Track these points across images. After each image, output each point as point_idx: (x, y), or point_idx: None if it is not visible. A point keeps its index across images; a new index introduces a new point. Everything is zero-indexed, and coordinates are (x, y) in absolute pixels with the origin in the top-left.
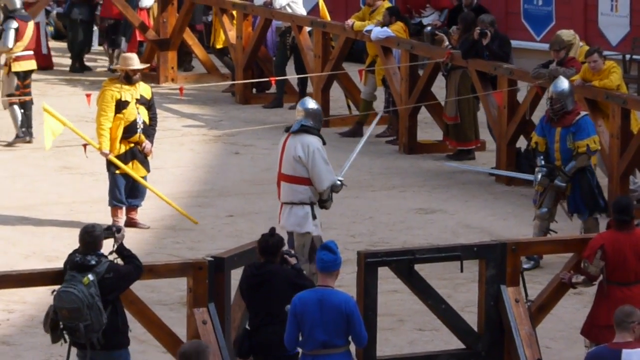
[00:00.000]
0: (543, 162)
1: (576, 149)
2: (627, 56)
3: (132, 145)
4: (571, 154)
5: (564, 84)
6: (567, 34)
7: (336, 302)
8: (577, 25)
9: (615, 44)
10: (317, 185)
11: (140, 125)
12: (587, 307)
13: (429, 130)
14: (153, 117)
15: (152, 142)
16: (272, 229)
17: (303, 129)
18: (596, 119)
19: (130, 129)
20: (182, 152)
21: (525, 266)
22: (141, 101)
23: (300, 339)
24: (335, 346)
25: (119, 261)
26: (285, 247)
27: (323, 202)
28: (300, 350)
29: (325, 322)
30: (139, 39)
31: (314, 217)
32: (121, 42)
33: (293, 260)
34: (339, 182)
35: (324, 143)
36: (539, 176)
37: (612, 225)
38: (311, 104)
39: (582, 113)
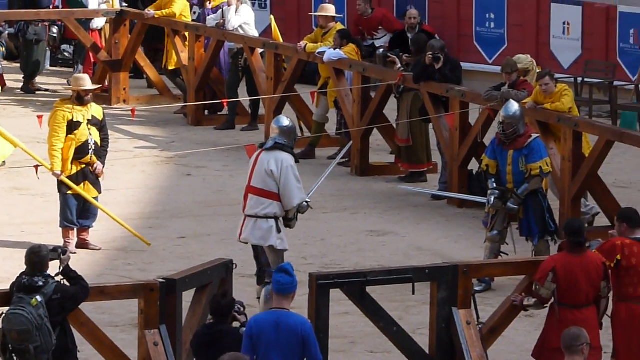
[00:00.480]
0: (495, 185)
1: (529, 171)
2: (579, 79)
3: (84, 166)
4: (523, 177)
5: (514, 107)
6: (524, 59)
7: (292, 325)
8: (529, 48)
9: (567, 66)
10: (287, 202)
11: (91, 146)
12: (539, 330)
13: (381, 152)
14: (105, 138)
15: (103, 163)
16: (225, 291)
17: (277, 146)
18: (548, 141)
19: (81, 150)
20: (134, 173)
21: (476, 288)
22: (93, 122)
23: None
24: None
25: (66, 282)
26: (236, 307)
27: (288, 220)
28: None
29: (281, 344)
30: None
31: (279, 230)
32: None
33: (242, 318)
34: (305, 203)
35: (297, 161)
36: (492, 199)
37: (563, 247)
38: (285, 122)
39: (534, 135)
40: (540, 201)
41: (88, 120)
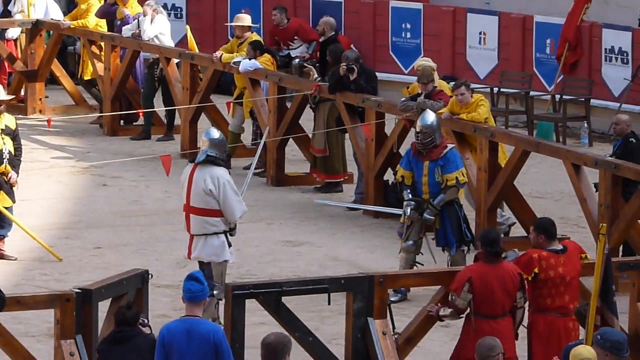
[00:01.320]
0: (410, 196)
1: (445, 182)
2: (495, 89)
3: None
4: (439, 187)
5: (431, 117)
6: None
7: (204, 332)
8: (445, 58)
9: (483, 76)
10: (230, 217)
11: (5, 156)
12: (454, 340)
13: (296, 162)
14: (18, 148)
15: (17, 172)
16: (129, 303)
17: (209, 160)
18: (464, 151)
19: None
20: (50, 183)
21: (392, 299)
22: (6, 132)
23: None
24: None
25: None
26: (140, 319)
27: (231, 230)
28: None
29: (193, 352)
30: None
31: (229, 244)
32: None
33: (147, 330)
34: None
35: (229, 168)
36: (409, 210)
37: (479, 258)
38: (216, 134)
39: (450, 146)
40: (456, 211)
41: (1, 129)
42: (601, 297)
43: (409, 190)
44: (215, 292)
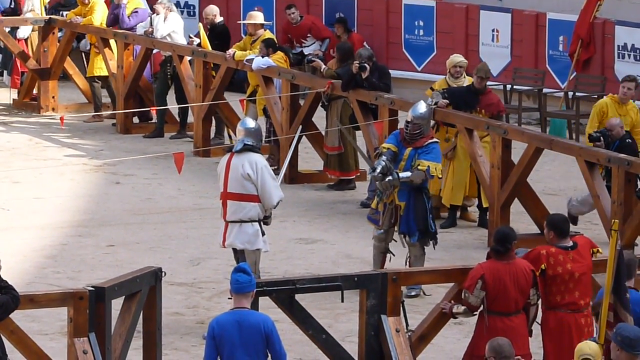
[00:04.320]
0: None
1: (416, 165)
2: (508, 86)
3: None
4: None
5: (423, 107)
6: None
7: (254, 322)
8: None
9: (496, 74)
10: (268, 202)
11: None
12: (468, 337)
13: (309, 160)
14: None
15: None
16: None
17: (246, 148)
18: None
19: None
20: (63, 181)
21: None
22: None
23: None
24: None
25: None
26: None
27: (266, 218)
28: None
29: (245, 343)
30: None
31: (263, 233)
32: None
33: None
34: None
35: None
36: (382, 162)
37: (491, 255)
38: (251, 123)
39: (434, 139)
40: (424, 201)
41: None
42: (614, 294)
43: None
44: None
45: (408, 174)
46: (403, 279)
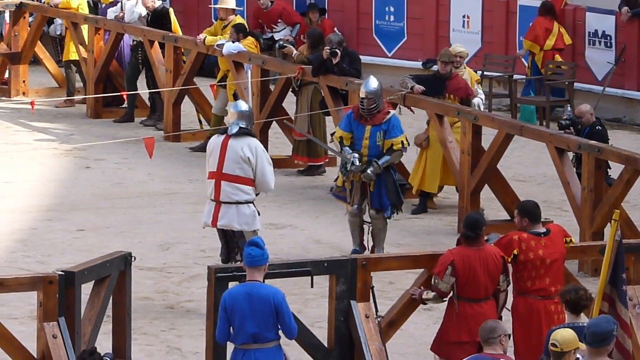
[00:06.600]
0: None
1: (390, 145)
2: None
3: None
4: (378, 150)
5: (374, 83)
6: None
7: (264, 295)
8: (428, 41)
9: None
10: (265, 186)
11: None
12: (437, 323)
13: (280, 145)
14: None
15: None
16: (93, 348)
17: (243, 132)
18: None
19: None
20: (33, 166)
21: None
22: None
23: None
24: (265, 339)
25: None
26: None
27: None
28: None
29: (254, 314)
30: None
31: (258, 213)
32: None
33: None
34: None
35: None
36: (356, 160)
37: (461, 241)
38: (244, 106)
39: (391, 112)
40: (392, 175)
41: None
42: (611, 284)
43: (348, 150)
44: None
45: (387, 158)
46: (372, 265)
